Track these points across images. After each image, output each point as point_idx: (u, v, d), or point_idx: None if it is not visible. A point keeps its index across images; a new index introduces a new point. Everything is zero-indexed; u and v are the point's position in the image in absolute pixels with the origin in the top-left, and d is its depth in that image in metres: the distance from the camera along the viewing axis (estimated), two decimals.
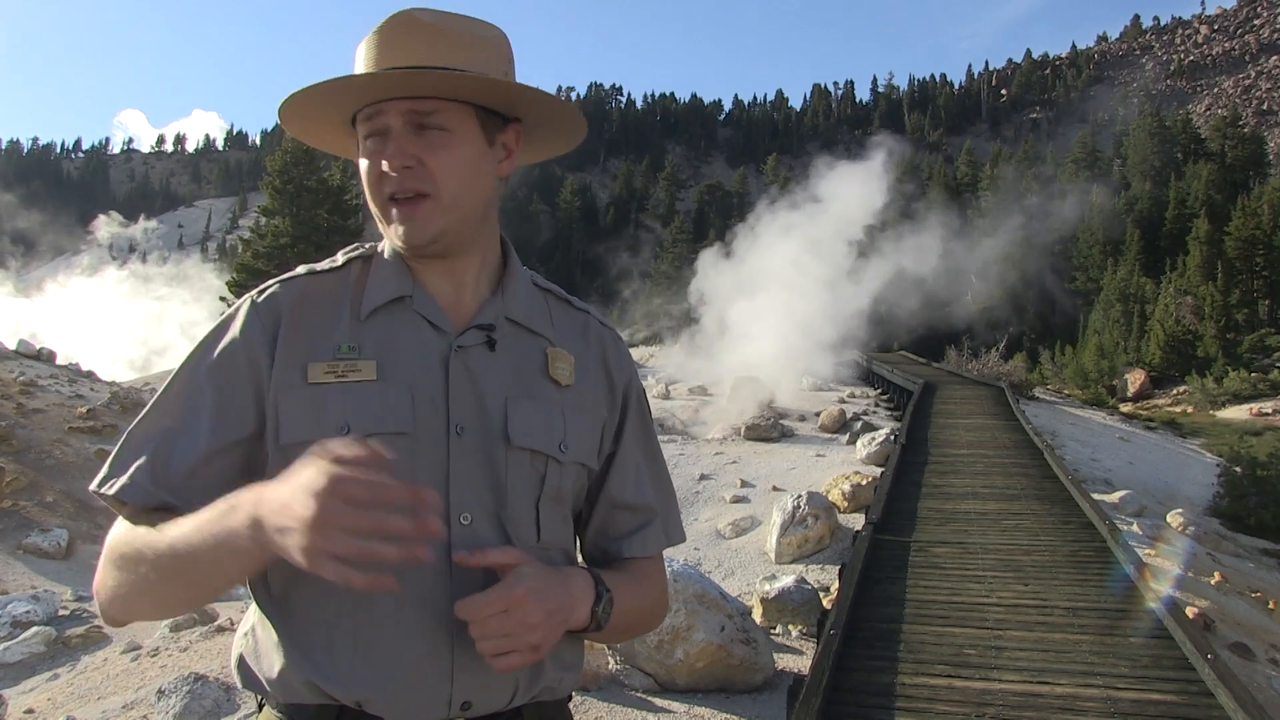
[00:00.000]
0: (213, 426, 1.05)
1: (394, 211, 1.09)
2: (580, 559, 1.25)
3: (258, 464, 1.07)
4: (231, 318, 1.11)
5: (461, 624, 1.00)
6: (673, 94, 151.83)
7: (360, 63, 1.10)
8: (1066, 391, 32.43)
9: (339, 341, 1.09)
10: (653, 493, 1.26)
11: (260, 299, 1.11)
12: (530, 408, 1.12)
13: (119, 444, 1.07)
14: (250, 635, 1.10)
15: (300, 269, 1.17)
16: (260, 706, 1.10)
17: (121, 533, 1.05)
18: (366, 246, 1.21)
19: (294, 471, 0.89)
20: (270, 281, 1.15)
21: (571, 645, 1.16)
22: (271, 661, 1.05)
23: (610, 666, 5.23)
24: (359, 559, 0.85)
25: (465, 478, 1.07)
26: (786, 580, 6.95)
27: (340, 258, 1.19)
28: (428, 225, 1.08)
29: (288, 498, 0.87)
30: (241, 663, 1.10)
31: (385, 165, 1.07)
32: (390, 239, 1.13)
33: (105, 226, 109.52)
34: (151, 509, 1.03)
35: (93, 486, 1.07)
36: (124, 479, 1.04)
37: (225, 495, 0.96)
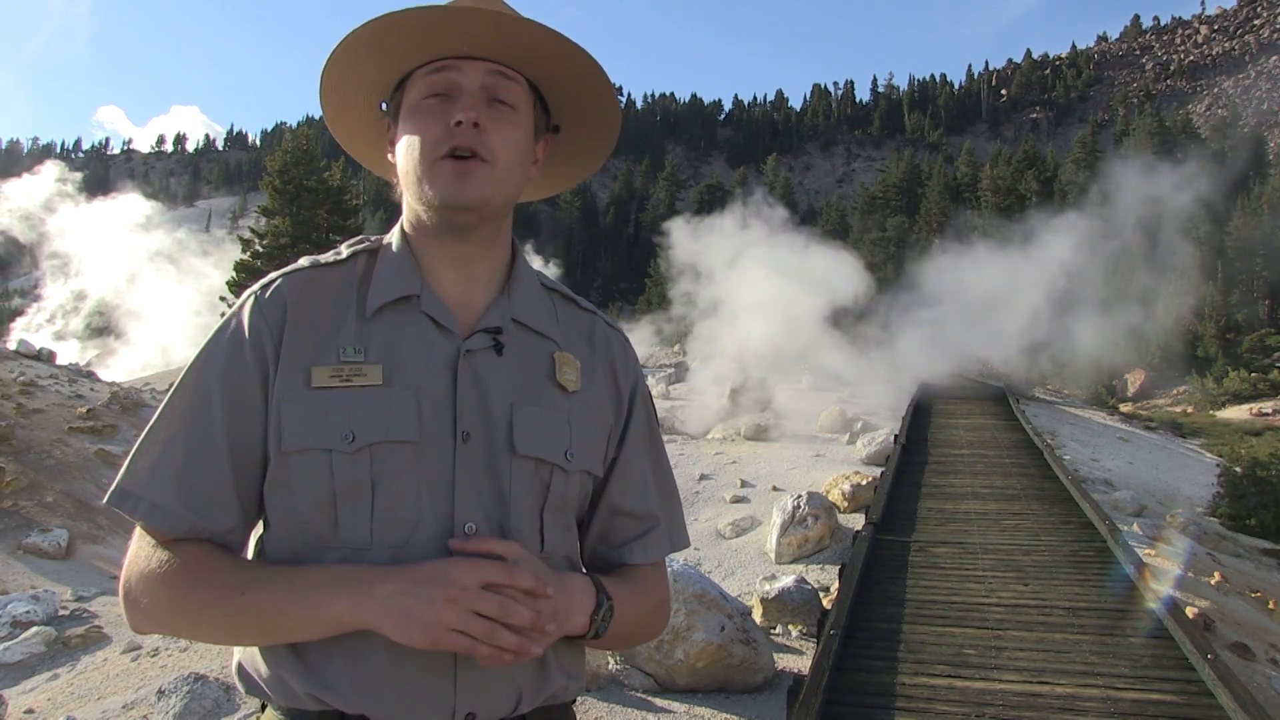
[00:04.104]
0: (230, 441, 1.04)
1: (447, 166, 1.06)
2: (580, 564, 1.22)
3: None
4: (236, 317, 1.08)
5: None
6: (673, 94, 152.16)
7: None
8: (1066, 391, 32.41)
9: (344, 343, 1.06)
10: (656, 499, 1.23)
11: (265, 295, 1.09)
12: (536, 415, 1.10)
13: (133, 454, 1.05)
14: None
15: (303, 261, 1.14)
16: (263, 708, 1.09)
17: (179, 563, 1.02)
18: (372, 239, 1.18)
19: (425, 563, 0.98)
20: (273, 275, 1.12)
21: (574, 652, 1.14)
22: (272, 669, 1.04)
23: (610, 666, 5.23)
24: (481, 638, 0.94)
25: (470, 487, 1.05)
26: (786, 580, 6.94)
27: (344, 250, 1.16)
28: (480, 187, 1.07)
29: (422, 577, 0.95)
30: (241, 669, 1.08)
31: (460, 115, 1.05)
32: (428, 199, 1.09)
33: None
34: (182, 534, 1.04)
35: (111, 502, 1.04)
36: (150, 500, 1.02)
37: (324, 565, 1.02)
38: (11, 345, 18.90)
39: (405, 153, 1.09)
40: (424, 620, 0.93)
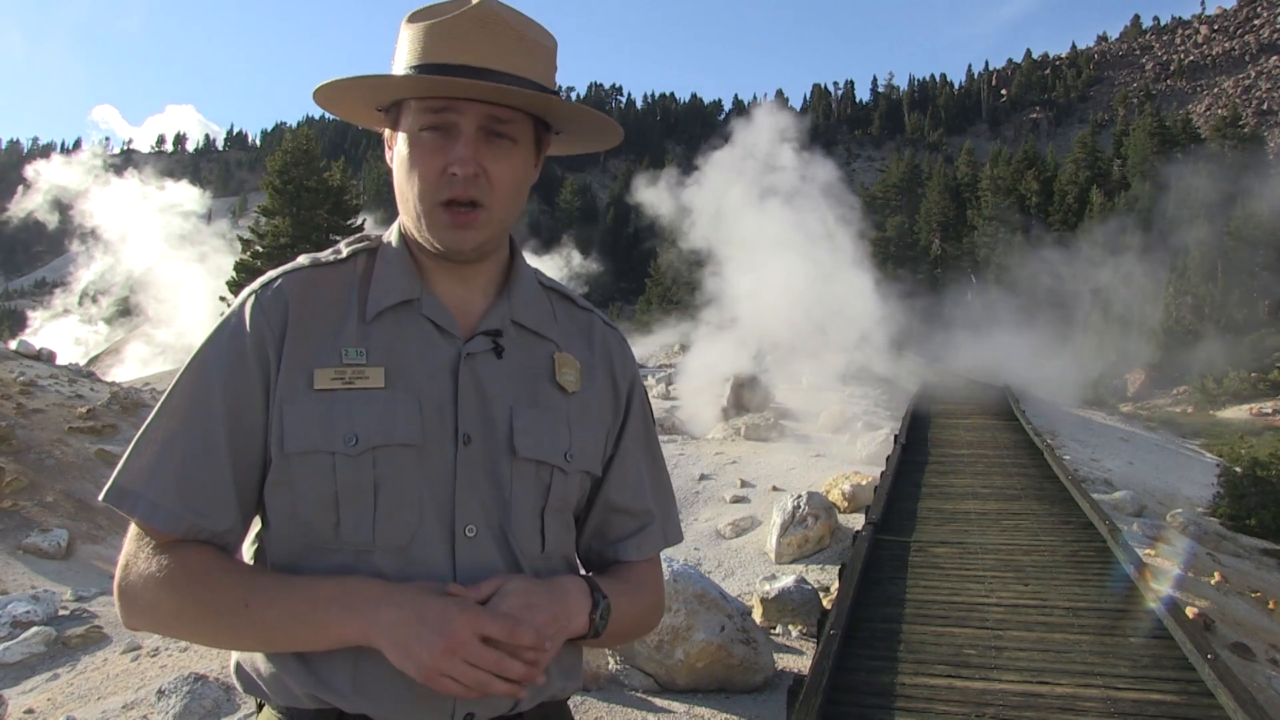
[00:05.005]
0: (231, 440, 1.03)
1: (445, 216, 1.06)
2: (577, 561, 1.23)
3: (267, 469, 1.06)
4: (237, 316, 1.08)
5: None
6: (673, 94, 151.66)
7: (419, 44, 1.05)
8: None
9: (346, 344, 1.06)
10: (651, 496, 1.24)
11: (266, 294, 1.08)
12: (536, 417, 1.11)
13: (130, 452, 1.05)
14: None
15: (303, 259, 1.14)
16: (260, 707, 1.10)
17: (179, 566, 1.01)
18: (371, 238, 1.18)
19: (433, 599, 0.98)
20: (273, 273, 1.12)
21: (573, 653, 1.15)
22: (271, 669, 1.04)
23: (610, 667, 5.23)
24: (472, 687, 0.95)
25: (471, 489, 1.06)
26: (786, 580, 6.94)
27: (344, 249, 1.16)
28: (477, 235, 1.07)
29: (428, 617, 0.96)
30: (239, 669, 1.09)
31: (457, 169, 1.03)
32: (426, 239, 1.09)
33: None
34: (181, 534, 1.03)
35: (108, 500, 1.03)
36: (149, 499, 1.02)
37: (329, 579, 1.02)
38: (13, 345, 18.90)
39: (403, 180, 1.08)
40: (419, 661, 0.95)
